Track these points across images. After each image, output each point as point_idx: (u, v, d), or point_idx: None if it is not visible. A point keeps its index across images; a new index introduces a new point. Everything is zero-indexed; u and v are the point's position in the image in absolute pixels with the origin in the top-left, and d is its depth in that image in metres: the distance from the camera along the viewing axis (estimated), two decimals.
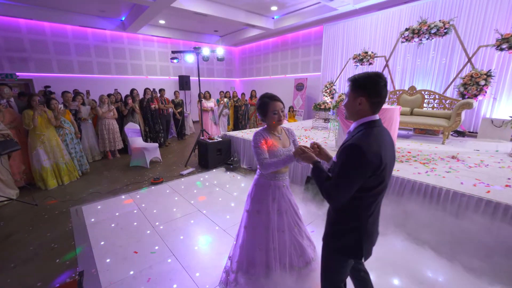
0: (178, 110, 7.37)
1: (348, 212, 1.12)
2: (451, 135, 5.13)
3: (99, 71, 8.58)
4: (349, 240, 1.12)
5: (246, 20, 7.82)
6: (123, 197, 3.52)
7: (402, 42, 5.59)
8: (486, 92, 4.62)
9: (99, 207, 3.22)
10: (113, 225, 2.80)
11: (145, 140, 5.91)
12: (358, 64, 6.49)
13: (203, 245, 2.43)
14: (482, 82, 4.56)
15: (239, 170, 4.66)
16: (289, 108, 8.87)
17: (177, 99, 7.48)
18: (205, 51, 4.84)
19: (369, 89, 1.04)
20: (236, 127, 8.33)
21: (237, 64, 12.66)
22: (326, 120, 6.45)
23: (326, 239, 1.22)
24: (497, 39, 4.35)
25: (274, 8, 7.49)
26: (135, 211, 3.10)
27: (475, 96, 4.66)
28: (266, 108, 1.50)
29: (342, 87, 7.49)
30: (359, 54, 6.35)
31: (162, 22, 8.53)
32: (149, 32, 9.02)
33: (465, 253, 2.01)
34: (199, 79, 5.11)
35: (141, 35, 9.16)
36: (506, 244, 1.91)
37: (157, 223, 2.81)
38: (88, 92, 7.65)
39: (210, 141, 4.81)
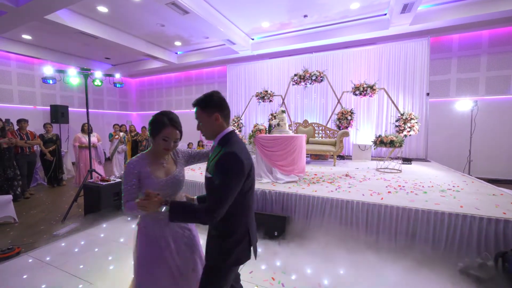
0: (50, 149, 5.54)
1: (236, 221, 1.14)
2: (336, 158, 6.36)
3: None
4: (243, 246, 1.15)
5: (146, 51, 7.34)
6: None
7: (293, 84, 6.78)
8: (352, 124, 6.16)
9: None
10: None
11: None
12: (260, 101, 7.24)
13: None
14: (349, 117, 6.07)
15: None
16: (198, 142, 8.60)
17: (48, 133, 5.66)
18: (98, 74, 4.00)
19: (217, 104, 1.14)
20: None
21: (134, 96, 11.43)
22: None
23: (219, 257, 1.14)
24: (352, 87, 6.02)
25: (178, 43, 7.47)
26: None
27: (346, 127, 6.10)
28: (160, 129, 1.25)
29: (249, 121, 8.06)
30: (261, 92, 7.14)
31: (27, 37, 6.65)
32: (3, 47, 6.79)
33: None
34: (87, 109, 4.08)
35: None
36: (404, 232, 2.37)
37: None
38: None
39: (104, 183, 3.76)
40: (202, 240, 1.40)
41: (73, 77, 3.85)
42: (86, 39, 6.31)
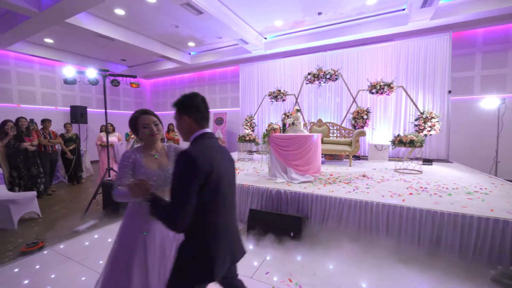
0: (70, 148, 5.75)
1: (194, 232, 1.08)
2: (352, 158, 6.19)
3: None
4: (201, 262, 1.06)
5: (161, 52, 7.47)
6: None
7: (306, 83, 6.68)
8: (368, 124, 5.98)
9: None
10: None
11: (11, 189, 4.13)
12: (273, 100, 7.18)
13: None
14: (365, 116, 5.90)
15: None
16: None
17: (68, 133, 5.88)
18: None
19: (188, 107, 1.15)
20: None
21: (149, 97, 11.68)
22: (251, 152, 6.56)
23: (179, 263, 1.10)
24: (368, 86, 5.83)
25: (191, 44, 7.55)
26: None
27: (362, 127, 5.93)
28: (136, 122, 1.42)
29: (261, 121, 8.02)
30: (274, 91, 7.08)
31: (49, 41, 6.94)
32: (27, 51, 7.11)
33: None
34: (105, 109, 4.20)
35: (13, 53, 7.09)
36: (429, 236, 2.24)
37: None
38: None
39: None
40: None
41: (92, 79, 3.97)
42: (103, 42, 6.50)
